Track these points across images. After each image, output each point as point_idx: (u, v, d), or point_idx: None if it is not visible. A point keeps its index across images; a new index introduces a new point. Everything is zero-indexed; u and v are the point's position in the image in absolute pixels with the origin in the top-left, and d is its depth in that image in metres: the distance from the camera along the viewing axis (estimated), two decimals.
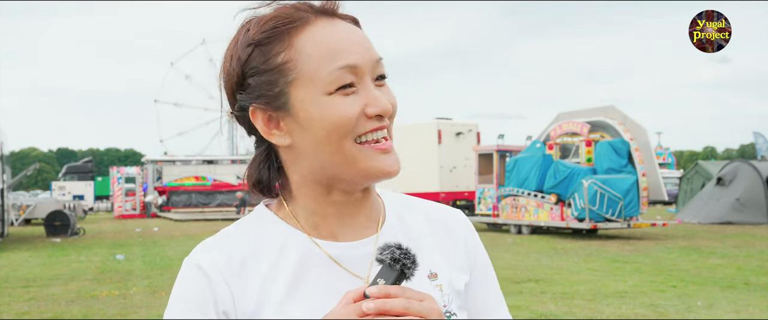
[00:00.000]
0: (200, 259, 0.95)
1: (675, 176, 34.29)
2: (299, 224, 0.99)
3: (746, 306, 7.66)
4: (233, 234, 0.99)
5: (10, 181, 20.26)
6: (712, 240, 15.54)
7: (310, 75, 0.92)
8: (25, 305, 8.26)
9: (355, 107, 0.92)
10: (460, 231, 1.09)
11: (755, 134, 32.66)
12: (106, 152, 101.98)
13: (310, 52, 0.93)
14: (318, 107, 0.92)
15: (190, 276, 0.95)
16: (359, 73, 0.93)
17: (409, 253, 0.87)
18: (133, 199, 32.46)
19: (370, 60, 0.94)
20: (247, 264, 0.95)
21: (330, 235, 0.98)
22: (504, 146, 20.14)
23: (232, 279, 0.94)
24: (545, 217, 17.21)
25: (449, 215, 1.10)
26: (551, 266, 11.22)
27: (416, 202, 1.10)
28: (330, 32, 0.94)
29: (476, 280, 1.07)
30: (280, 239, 0.97)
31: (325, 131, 0.92)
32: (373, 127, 0.92)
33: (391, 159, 0.94)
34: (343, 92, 0.92)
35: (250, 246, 0.97)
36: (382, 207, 1.05)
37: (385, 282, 0.85)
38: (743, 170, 21.40)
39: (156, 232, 20.87)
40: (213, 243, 0.98)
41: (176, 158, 37.03)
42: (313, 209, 0.98)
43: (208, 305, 0.93)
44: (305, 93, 0.92)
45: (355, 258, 0.97)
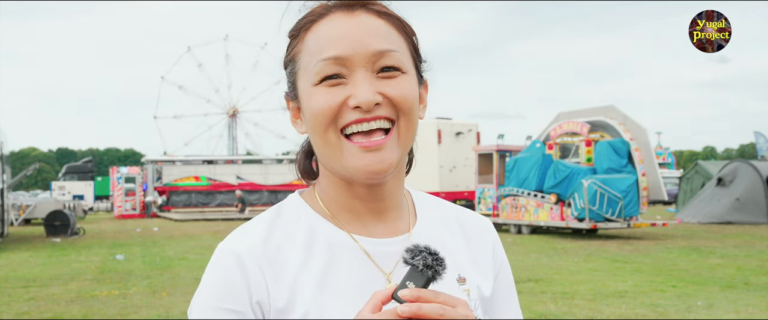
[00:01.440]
0: (235, 245, 0.95)
1: (675, 176, 34.29)
2: (331, 215, 0.99)
3: (746, 306, 7.66)
4: (267, 222, 0.99)
5: (10, 181, 20.25)
6: (712, 240, 15.53)
7: (305, 67, 0.96)
8: (25, 305, 8.25)
9: (335, 98, 0.92)
10: (489, 239, 1.09)
11: (755, 134, 32.65)
12: (106, 152, 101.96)
13: (310, 45, 0.95)
14: (306, 97, 0.95)
15: (224, 261, 0.94)
16: (348, 65, 0.92)
17: (440, 258, 0.86)
18: (133, 199, 32.45)
19: (362, 52, 0.92)
20: (282, 251, 0.95)
21: (363, 229, 0.99)
22: (504, 146, 20.14)
23: (268, 267, 0.94)
24: (545, 217, 17.20)
25: (479, 221, 1.11)
26: (551, 266, 11.22)
27: (446, 204, 1.11)
28: (334, 26, 0.95)
29: (499, 294, 1.08)
30: (315, 230, 0.98)
31: (311, 121, 0.95)
32: (354, 118, 0.91)
33: (373, 157, 0.92)
34: (329, 83, 0.92)
35: (284, 235, 0.97)
36: (412, 206, 1.06)
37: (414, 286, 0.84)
38: (743, 170, 21.40)
39: (156, 232, 20.87)
40: (248, 230, 0.98)
41: (176, 158, 37.02)
42: (340, 202, 0.99)
43: (242, 292, 0.92)
44: (302, 84, 0.96)
45: (386, 254, 0.97)
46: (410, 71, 0.96)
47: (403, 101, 0.93)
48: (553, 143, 18.14)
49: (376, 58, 0.93)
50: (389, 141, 0.92)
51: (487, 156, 20.14)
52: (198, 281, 4.93)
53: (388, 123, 0.93)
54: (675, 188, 28.66)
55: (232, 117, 58.13)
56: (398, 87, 0.93)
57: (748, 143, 77.10)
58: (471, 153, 21.58)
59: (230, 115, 58.04)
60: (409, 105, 0.93)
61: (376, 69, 0.93)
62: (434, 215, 1.06)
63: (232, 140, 57.25)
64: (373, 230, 0.99)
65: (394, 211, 1.01)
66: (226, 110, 58.01)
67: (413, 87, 0.96)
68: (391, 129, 0.93)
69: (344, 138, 0.92)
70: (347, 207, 0.99)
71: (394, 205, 1.01)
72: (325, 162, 0.97)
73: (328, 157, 0.95)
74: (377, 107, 0.91)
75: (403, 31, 0.98)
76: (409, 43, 0.98)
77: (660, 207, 30.42)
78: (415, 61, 0.99)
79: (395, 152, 0.93)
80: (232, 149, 56.33)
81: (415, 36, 1.01)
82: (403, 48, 0.96)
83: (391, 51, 0.94)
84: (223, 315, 0.91)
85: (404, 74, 0.94)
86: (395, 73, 0.94)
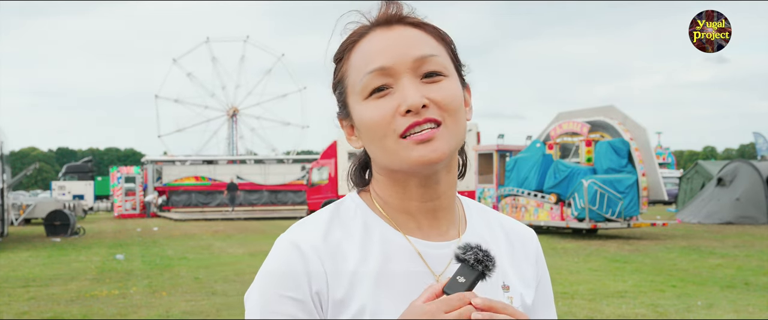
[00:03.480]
0: (297, 237, 0.99)
1: (675, 176, 34.28)
2: (389, 218, 1.03)
3: (746, 306, 7.66)
4: (327, 217, 1.03)
5: (10, 181, 20.24)
6: (712, 240, 15.54)
7: (353, 84, 1.00)
8: (25, 305, 8.26)
9: (386, 108, 0.96)
10: (533, 249, 1.13)
11: (755, 134, 32.64)
12: (106, 151, 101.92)
13: (355, 63, 1.00)
14: (359, 113, 0.99)
15: (286, 252, 0.98)
16: (393, 74, 0.97)
17: (491, 255, 0.89)
18: (132, 199, 32.45)
19: (404, 60, 0.97)
20: (343, 247, 0.99)
21: (418, 231, 1.02)
22: (504, 146, 20.14)
23: (328, 260, 0.97)
24: (545, 217, 17.21)
25: (524, 230, 1.14)
26: (551, 266, 11.21)
27: (491, 211, 1.14)
28: (376, 42, 1.00)
29: (538, 304, 1.11)
30: (372, 228, 1.01)
31: (368, 134, 0.99)
32: (409, 123, 0.95)
33: (427, 148, 0.95)
34: (377, 96, 0.97)
35: (345, 231, 1.01)
36: (462, 212, 1.09)
37: (465, 281, 0.88)
38: (743, 170, 21.40)
39: (156, 232, 20.87)
40: (308, 224, 1.02)
41: (176, 158, 37.04)
42: (395, 203, 1.03)
43: (303, 281, 0.95)
44: (353, 101, 1.01)
45: (438, 257, 1.00)
46: (452, 75, 1.00)
47: (450, 103, 0.97)
48: (553, 143, 18.14)
49: (418, 64, 0.97)
50: (439, 132, 0.96)
51: (487, 156, 20.15)
52: (198, 281, 5.01)
53: (435, 125, 0.96)
54: (675, 188, 28.65)
55: (232, 117, 58.10)
56: (443, 90, 0.97)
57: (748, 143, 77.06)
58: (471, 153, 21.58)
59: (230, 115, 58.01)
60: (455, 106, 0.98)
61: (419, 74, 0.97)
62: (482, 222, 1.09)
63: (232, 142, 57.20)
64: (427, 233, 1.03)
65: (447, 213, 1.05)
66: (227, 108, 57.97)
67: (457, 89, 1.00)
68: (441, 124, 0.97)
69: (401, 140, 0.96)
70: (402, 208, 1.03)
71: (447, 206, 1.04)
72: (386, 165, 1.00)
73: (388, 161, 0.98)
74: (425, 109, 0.95)
75: (440, 38, 1.02)
76: (448, 49, 1.03)
77: (660, 207, 30.41)
78: (456, 66, 1.03)
79: (446, 143, 0.96)
80: (231, 149, 56.28)
81: (453, 43, 1.05)
82: (443, 53, 1.01)
83: (432, 55, 0.98)
84: (285, 302, 0.95)
85: (447, 78, 0.99)
86: (439, 78, 0.98)
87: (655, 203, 28.74)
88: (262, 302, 0.96)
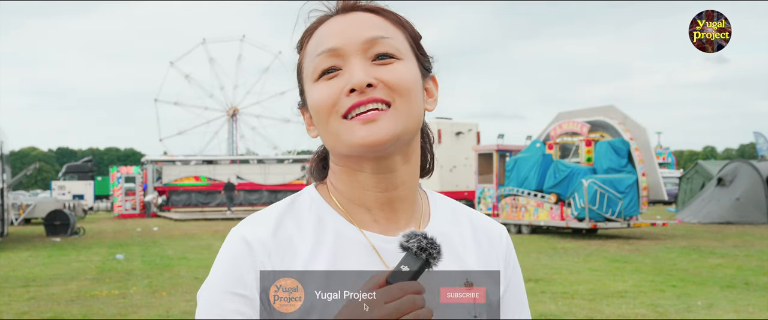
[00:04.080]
0: (247, 232, 0.97)
1: (675, 176, 34.26)
2: (344, 211, 1.00)
3: (746, 305, 7.66)
4: (280, 211, 1.00)
5: (10, 180, 20.24)
6: (712, 240, 15.53)
7: (307, 70, 0.99)
8: (25, 305, 8.25)
9: (333, 88, 0.94)
10: (502, 248, 1.09)
11: (755, 134, 32.62)
12: (106, 151, 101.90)
13: (309, 49, 0.99)
14: (309, 95, 0.98)
15: (235, 247, 0.96)
16: (343, 55, 0.94)
17: (436, 243, 0.87)
18: (132, 199, 32.44)
19: (354, 41, 0.94)
20: (293, 242, 0.97)
21: (374, 225, 1.00)
22: (504, 146, 20.14)
23: (276, 255, 0.95)
24: (545, 217, 17.20)
25: (494, 228, 1.10)
26: (551, 266, 11.22)
27: (462, 207, 1.11)
28: (330, 27, 0.98)
29: (510, 302, 1.08)
30: (326, 222, 0.99)
31: (315, 116, 0.97)
32: (353, 103, 0.92)
33: (370, 129, 0.92)
34: (327, 77, 0.95)
35: (297, 225, 0.98)
36: (426, 207, 1.06)
37: (408, 270, 0.85)
38: (743, 170, 21.39)
39: (156, 232, 20.86)
40: (260, 218, 1.00)
41: (176, 158, 37.03)
42: (350, 195, 1.00)
43: (250, 279, 0.93)
44: (307, 86, 1.00)
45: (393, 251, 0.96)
46: (407, 58, 0.97)
47: (399, 84, 0.93)
48: (553, 143, 18.14)
49: (368, 45, 0.94)
50: (387, 113, 0.92)
51: (487, 156, 20.14)
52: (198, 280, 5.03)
53: (384, 106, 0.93)
54: (675, 188, 28.64)
55: (232, 117, 58.10)
56: (394, 71, 0.94)
57: (748, 143, 77.06)
58: (471, 153, 21.58)
59: (230, 114, 58.01)
60: (406, 87, 0.94)
61: (370, 56, 0.94)
62: (448, 218, 1.06)
63: (232, 142, 57.18)
64: (384, 226, 1.00)
65: (406, 206, 1.01)
66: (227, 108, 57.97)
67: (410, 72, 0.96)
68: (390, 105, 0.93)
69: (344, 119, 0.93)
70: (358, 200, 1.00)
71: (405, 198, 1.01)
72: (333, 149, 0.98)
73: (334, 143, 0.96)
74: (371, 89, 0.92)
75: (399, 23, 1.00)
76: (406, 35, 1.00)
77: (660, 207, 30.41)
78: (415, 53, 1.00)
79: (393, 124, 0.92)
80: (230, 149, 56.26)
81: (415, 31, 1.02)
82: (398, 37, 0.98)
83: (383, 37, 0.95)
84: (231, 299, 0.93)
85: (400, 60, 0.95)
86: (390, 60, 0.95)
87: (655, 203, 28.75)
88: (210, 298, 0.94)
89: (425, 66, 1.02)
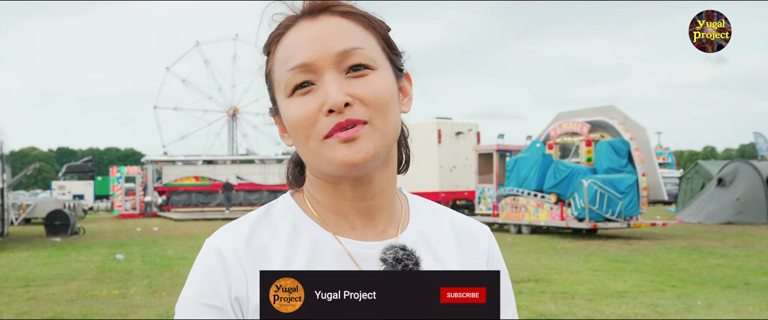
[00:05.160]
0: (220, 242, 0.96)
1: (675, 176, 34.27)
2: (320, 219, 0.99)
3: (746, 306, 7.66)
4: (254, 220, 0.99)
5: (10, 180, 20.25)
6: (712, 240, 15.54)
7: (278, 80, 0.96)
8: (25, 305, 8.25)
9: (308, 106, 0.91)
10: (484, 247, 1.08)
11: (755, 134, 32.65)
12: (106, 151, 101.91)
13: (279, 57, 0.96)
14: (283, 111, 0.96)
15: (208, 257, 0.96)
16: (316, 70, 0.91)
17: (413, 255, 0.88)
18: (132, 199, 32.45)
19: (326, 54, 0.91)
20: (267, 251, 0.96)
21: (351, 232, 0.98)
22: (504, 146, 20.14)
23: (249, 265, 0.94)
24: (545, 217, 17.21)
25: (476, 228, 1.09)
26: (551, 266, 11.22)
27: (443, 209, 1.10)
28: (299, 34, 0.94)
29: None
30: (301, 230, 0.98)
31: (293, 134, 0.95)
32: (334, 124, 0.90)
33: (351, 149, 0.90)
34: (300, 92, 0.92)
35: (271, 234, 0.97)
36: (406, 210, 1.05)
37: None
38: (743, 170, 21.39)
39: (156, 232, 20.86)
40: (234, 227, 0.99)
41: (176, 158, 37.02)
42: (327, 203, 0.99)
43: (222, 287, 0.93)
44: (279, 98, 0.97)
45: (371, 257, 0.95)
46: (382, 66, 0.95)
47: (375, 99, 0.91)
48: (553, 143, 18.14)
49: (341, 58, 0.91)
50: (365, 131, 0.90)
51: (487, 156, 20.14)
52: None
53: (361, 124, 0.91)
54: (675, 188, 28.65)
55: (232, 117, 58.11)
56: (369, 85, 0.91)
57: (748, 143, 77.07)
58: (471, 153, 21.58)
59: (230, 114, 58.04)
60: (383, 102, 0.92)
61: (343, 69, 0.92)
62: (428, 221, 1.04)
63: (232, 142, 57.18)
64: (361, 233, 0.98)
65: (384, 213, 1.00)
66: (227, 109, 57.99)
67: (386, 82, 0.94)
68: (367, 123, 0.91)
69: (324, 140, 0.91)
70: (334, 209, 0.99)
71: (384, 206, 1.00)
72: (312, 167, 0.97)
73: (314, 163, 0.95)
74: (349, 108, 0.90)
75: (370, 26, 0.96)
76: (378, 38, 0.97)
77: (660, 207, 30.41)
78: (388, 56, 0.98)
79: (372, 142, 0.91)
80: (231, 149, 56.30)
81: (387, 29, 0.99)
82: (371, 44, 0.95)
83: (356, 49, 0.92)
84: (204, 310, 0.92)
85: (374, 71, 0.93)
86: (365, 72, 0.92)
87: (655, 203, 28.74)
88: (184, 310, 0.94)
89: (398, 66, 1.00)
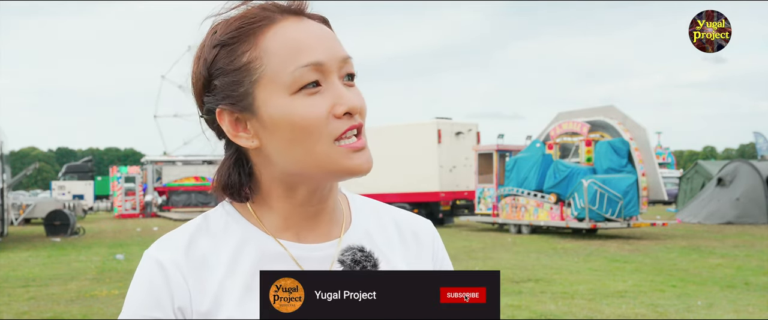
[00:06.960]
0: (158, 252, 0.95)
1: (675, 176, 34.26)
2: (262, 224, 0.97)
3: (746, 305, 7.66)
4: (193, 228, 0.97)
5: (10, 180, 20.24)
6: (712, 239, 15.53)
7: (273, 75, 0.90)
8: (24, 305, 8.25)
9: (320, 107, 0.89)
10: (428, 240, 1.07)
11: (755, 134, 32.61)
12: (106, 151, 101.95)
13: (274, 50, 0.90)
14: (281, 108, 0.89)
15: (149, 269, 0.94)
16: (325, 72, 0.90)
17: (371, 256, 0.89)
18: (132, 199, 32.44)
19: (336, 58, 0.91)
20: (208, 260, 0.94)
21: (294, 236, 0.97)
22: (504, 146, 20.14)
23: (191, 274, 0.93)
24: (545, 217, 17.20)
25: (418, 223, 1.08)
26: (551, 266, 11.21)
27: (385, 208, 1.09)
28: (296, 30, 0.91)
29: None
30: (242, 237, 0.96)
31: (292, 134, 0.89)
32: (347, 126, 0.90)
33: (363, 157, 0.91)
34: (308, 92, 0.89)
35: (212, 243, 0.95)
36: (347, 211, 1.04)
37: None
38: (743, 170, 21.39)
39: (156, 232, 20.87)
40: (174, 238, 0.97)
41: (176, 159, 37.01)
42: (279, 210, 0.97)
43: (164, 299, 0.91)
44: (268, 93, 0.90)
45: (316, 259, 0.95)
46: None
47: (364, 110, 0.93)
48: (553, 143, 18.14)
49: (342, 64, 0.92)
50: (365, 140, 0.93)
51: (487, 156, 20.14)
52: None
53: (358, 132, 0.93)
54: (675, 188, 28.63)
55: None
56: (359, 96, 0.93)
57: (748, 143, 77.04)
58: (471, 153, 21.56)
59: None
60: (366, 112, 0.94)
61: (341, 76, 0.92)
62: (370, 219, 1.04)
63: None
64: (304, 236, 0.97)
65: (328, 216, 0.99)
66: None
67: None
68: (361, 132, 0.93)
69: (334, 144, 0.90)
70: (281, 213, 0.97)
71: (330, 209, 0.99)
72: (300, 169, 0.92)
73: (311, 164, 0.91)
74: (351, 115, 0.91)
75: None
76: None
77: (660, 207, 30.41)
78: None
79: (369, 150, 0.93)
80: None
81: None
82: None
83: (350, 58, 0.94)
84: None
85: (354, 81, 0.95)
86: (353, 82, 0.94)
87: (655, 203, 28.73)
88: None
89: None
